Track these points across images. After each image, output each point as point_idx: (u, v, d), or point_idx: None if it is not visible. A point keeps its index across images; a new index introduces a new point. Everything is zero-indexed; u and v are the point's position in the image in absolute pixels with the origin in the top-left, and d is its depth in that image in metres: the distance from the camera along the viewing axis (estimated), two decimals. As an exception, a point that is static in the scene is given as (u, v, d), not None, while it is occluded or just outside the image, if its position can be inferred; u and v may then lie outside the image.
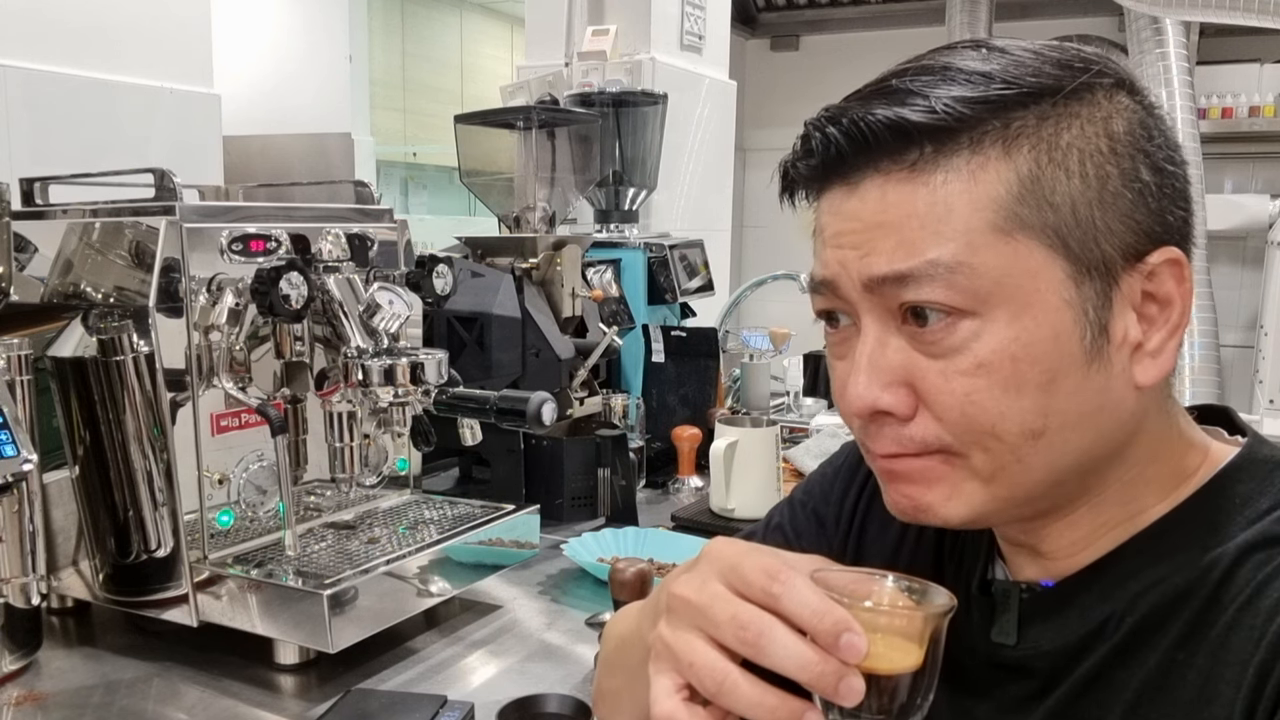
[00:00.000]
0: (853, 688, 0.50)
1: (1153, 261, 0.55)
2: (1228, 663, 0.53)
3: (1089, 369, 0.55)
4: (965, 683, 0.65)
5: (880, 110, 0.55)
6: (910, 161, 0.54)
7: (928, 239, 0.54)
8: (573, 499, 1.59)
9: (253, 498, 1.14)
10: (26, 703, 1.02)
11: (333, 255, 1.15)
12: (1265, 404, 3.67)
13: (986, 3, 4.17)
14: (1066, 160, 0.54)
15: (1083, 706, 0.59)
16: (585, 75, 2.32)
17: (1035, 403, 0.55)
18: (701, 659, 0.53)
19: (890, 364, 0.56)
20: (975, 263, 0.53)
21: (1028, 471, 0.56)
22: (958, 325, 0.54)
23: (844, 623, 0.50)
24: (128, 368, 1.06)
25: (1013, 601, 0.63)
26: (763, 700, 0.51)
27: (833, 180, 0.58)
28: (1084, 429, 0.56)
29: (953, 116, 0.54)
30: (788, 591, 0.51)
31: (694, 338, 1.95)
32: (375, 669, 1.10)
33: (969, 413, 0.55)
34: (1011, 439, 0.55)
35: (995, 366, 0.54)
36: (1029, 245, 0.54)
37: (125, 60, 1.76)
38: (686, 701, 0.54)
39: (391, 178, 5.57)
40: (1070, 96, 0.55)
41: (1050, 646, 0.61)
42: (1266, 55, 3.94)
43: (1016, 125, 0.54)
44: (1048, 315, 0.54)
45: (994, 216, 0.53)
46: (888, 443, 0.58)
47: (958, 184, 0.54)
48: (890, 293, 0.55)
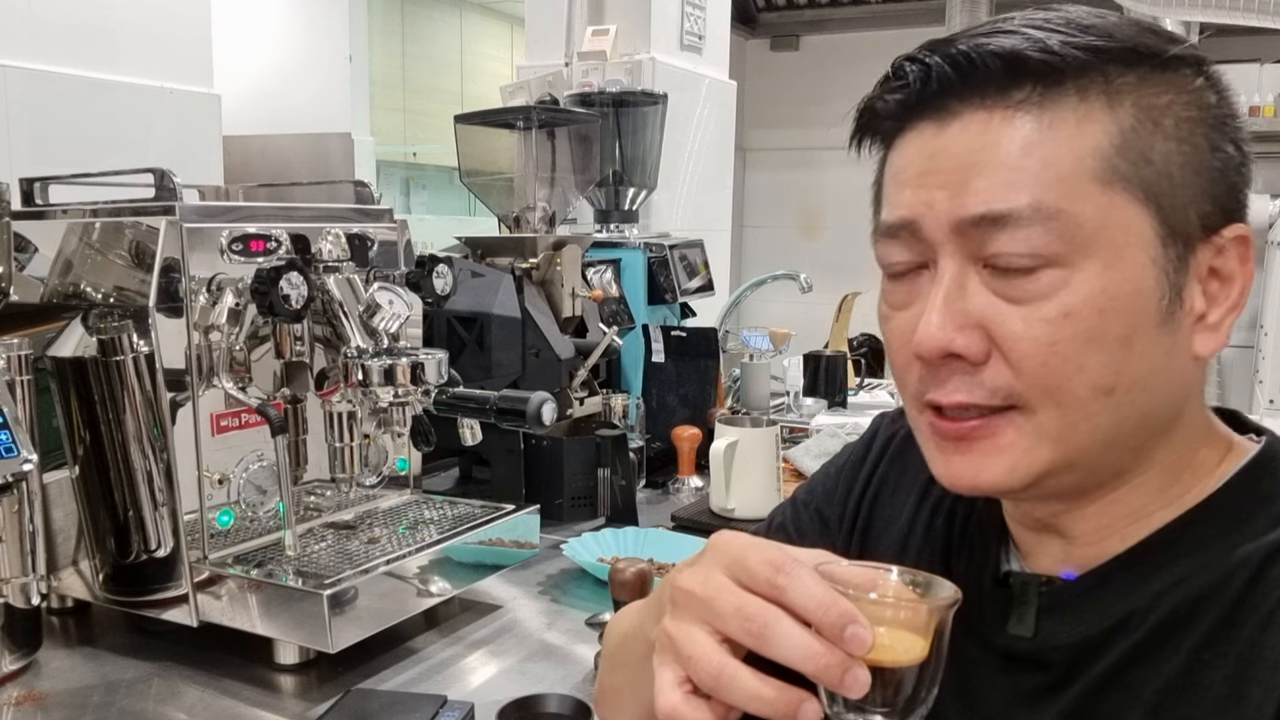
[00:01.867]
0: (858, 679, 0.50)
1: (1225, 236, 0.56)
2: (1258, 664, 0.53)
3: (1160, 331, 0.55)
4: (978, 674, 0.64)
5: (995, 41, 0.55)
6: (1017, 99, 0.54)
7: (1029, 181, 0.53)
8: (573, 499, 1.59)
9: (253, 498, 1.14)
10: (26, 703, 1.02)
11: (333, 255, 1.15)
12: (1265, 404, 3.67)
13: (986, 3, 4.18)
14: (1163, 121, 0.54)
15: (1102, 704, 0.58)
16: (585, 75, 2.32)
17: (1112, 358, 0.54)
18: (699, 651, 0.52)
19: (968, 306, 0.55)
20: (1075, 210, 0.53)
21: (1093, 432, 0.56)
22: (1049, 271, 0.54)
23: (849, 615, 0.50)
24: (128, 368, 1.06)
25: (1031, 594, 0.63)
26: (760, 692, 0.51)
27: (923, 114, 0.57)
28: (1149, 391, 0.56)
29: (1066, 59, 0.53)
30: (793, 583, 0.51)
31: (694, 338, 1.95)
32: (375, 669, 1.10)
33: (1050, 362, 0.54)
34: (1085, 393, 0.55)
35: (1082, 317, 0.54)
36: (1125, 199, 0.54)
37: (125, 60, 1.76)
38: (689, 695, 0.53)
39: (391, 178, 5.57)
40: (1168, 64, 0.55)
41: (1068, 640, 0.60)
42: (1266, 55, 3.94)
43: (1118, 81, 0.54)
44: (1134, 271, 0.54)
45: (1095, 166, 0.53)
46: (957, 389, 0.56)
47: (1063, 128, 0.54)
48: (982, 235, 0.54)
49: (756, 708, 0.51)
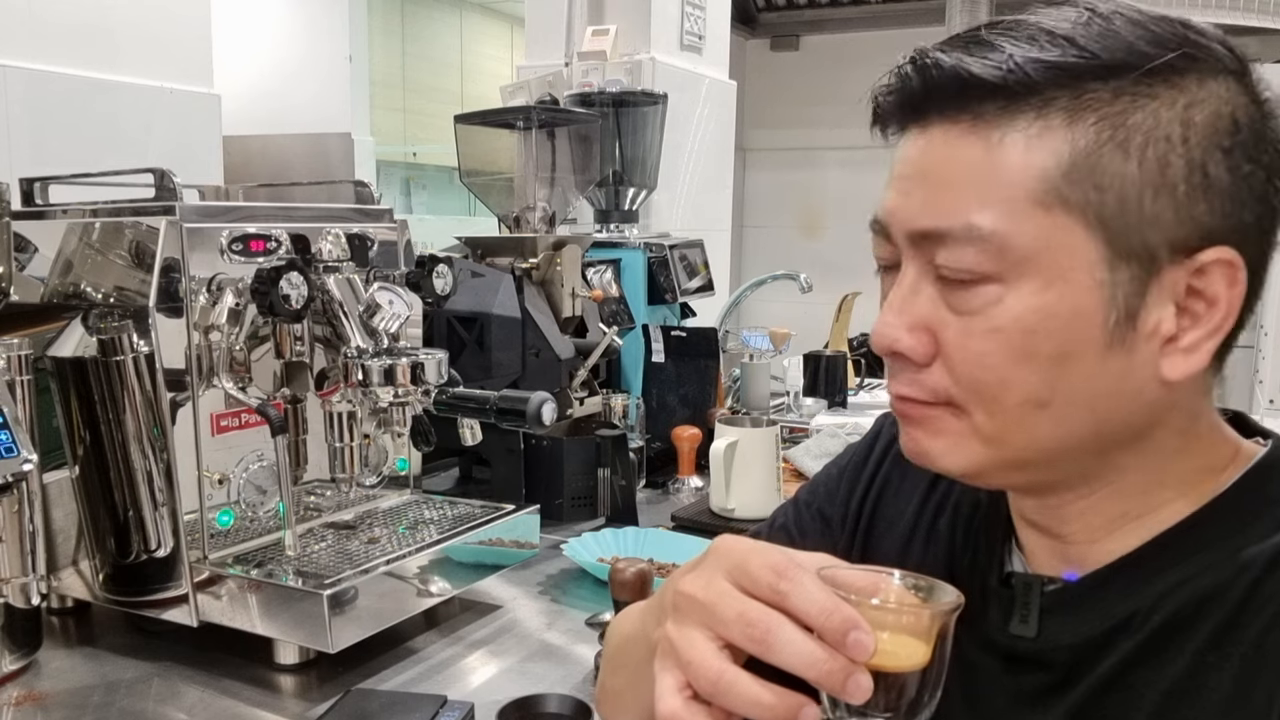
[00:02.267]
0: (860, 685, 0.50)
1: (1203, 259, 0.54)
2: (1263, 666, 0.53)
3: (1107, 353, 0.55)
4: (981, 675, 0.64)
5: (954, 59, 0.56)
6: (974, 114, 0.55)
7: (969, 201, 0.55)
8: (573, 499, 1.59)
9: (253, 498, 1.14)
10: (26, 703, 1.02)
11: (333, 255, 1.15)
12: (1265, 404, 3.67)
13: (986, 3, 4.17)
14: (1129, 141, 0.53)
15: (1105, 705, 0.58)
16: (585, 75, 2.32)
17: (1043, 376, 0.55)
18: (698, 657, 0.52)
19: (918, 310, 0.58)
20: (1010, 232, 0.54)
21: (1030, 439, 0.57)
22: (983, 288, 0.55)
23: (851, 620, 0.50)
24: (128, 368, 1.06)
25: (1034, 594, 0.63)
26: (760, 697, 0.51)
27: (910, 119, 0.59)
28: (1094, 409, 0.56)
29: (1020, 81, 0.54)
30: (795, 589, 0.51)
31: (694, 338, 1.95)
32: (375, 669, 1.10)
33: (977, 374, 0.56)
34: (1015, 405, 0.56)
35: (1009, 334, 0.55)
36: (1068, 221, 0.54)
37: (125, 60, 1.76)
38: (690, 700, 0.53)
39: (391, 178, 5.57)
40: (1151, 75, 0.53)
41: (1071, 640, 0.60)
42: (1266, 55, 3.94)
43: (1088, 97, 0.53)
44: (1074, 293, 0.54)
45: (1037, 189, 0.54)
46: (902, 384, 0.60)
47: (1012, 149, 0.54)
48: (929, 245, 0.57)
49: (756, 713, 0.51)
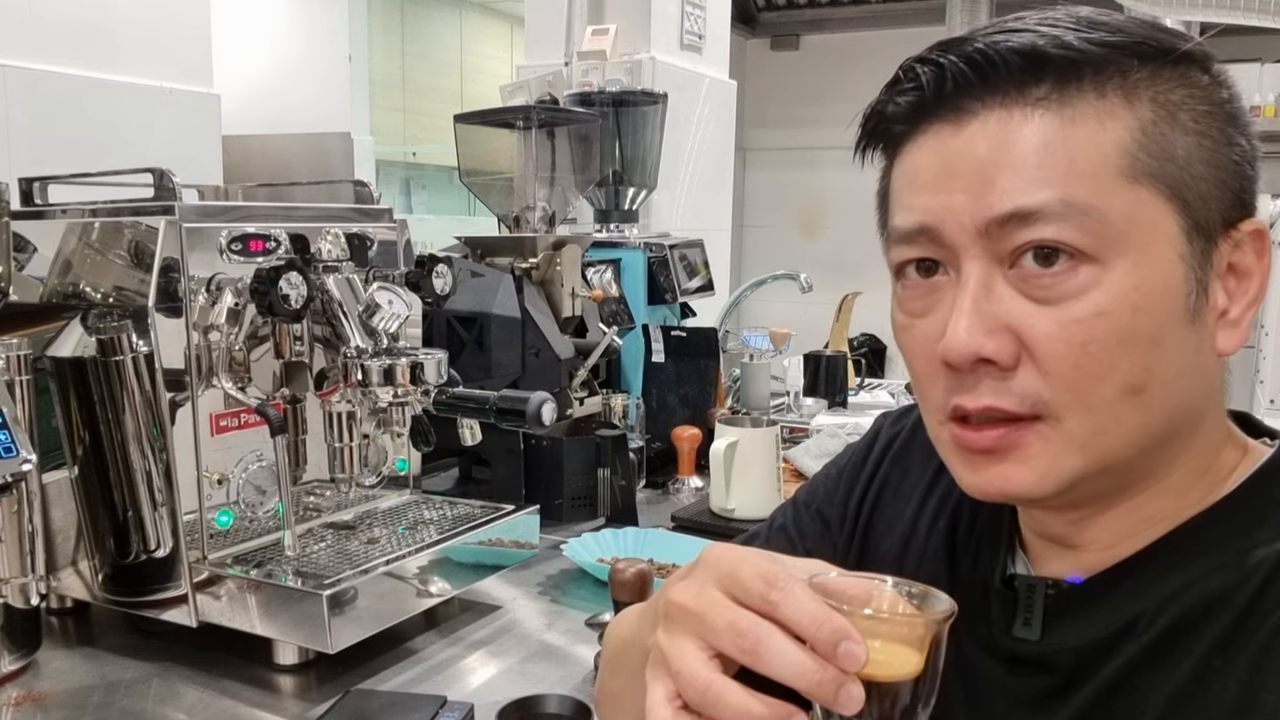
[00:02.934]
0: (852, 696, 0.49)
1: (1243, 230, 0.56)
2: (1271, 670, 0.52)
3: (1188, 328, 0.54)
4: (983, 679, 0.64)
5: (1011, 38, 0.54)
6: (1035, 97, 0.53)
7: (1058, 176, 0.53)
8: (573, 499, 1.59)
9: (252, 498, 1.14)
10: (26, 703, 1.02)
11: (332, 255, 1.15)
12: (1266, 404, 3.67)
13: (987, 3, 4.17)
14: (1179, 116, 0.54)
15: (1110, 709, 0.58)
16: (585, 75, 2.32)
17: (1144, 356, 0.54)
18: (687, 667, 0.52)
19: (996, 309, 0.54)
20: (1105, 206, 0.52)
21: (1122, 435, 0.55)
22: (1079, 270, 0.53)
23: (842, 631, 0.49)
24: (127, 368, 1.06)
25: (1038, 597, 0.62)
26: (748, 707, 0.50)
27: (938, 116, 0.56)
28: (1177, 391, 0.55)
29: (1085, 54, 0.53)
30: (786, 599, 0.50)
31: (694, 338, 1.95)
32: (375, 669, 1.10)
33: (1082, 363, 0.53)
34: (1114, 395, 0.54)
35: (1115, 314, 0.53)
36: (1151, 194, 0.53)
37: (125, 60, 1.76)
38: (680, 710, 0.53)
39: (391, 177, 5.57)
40: (1179, 60, 0.55)
41: (1075, 643, 0.60)
42: (1267, 55, 3.94)
43: (1134, 76, 0.54)
44: (1163, 267, 0.53)
45: (1121, 162, 0.53)
46: (985, 394, 0.55)
47: (1085, 125, 0.53)
48: (1010, 233, 0.53)
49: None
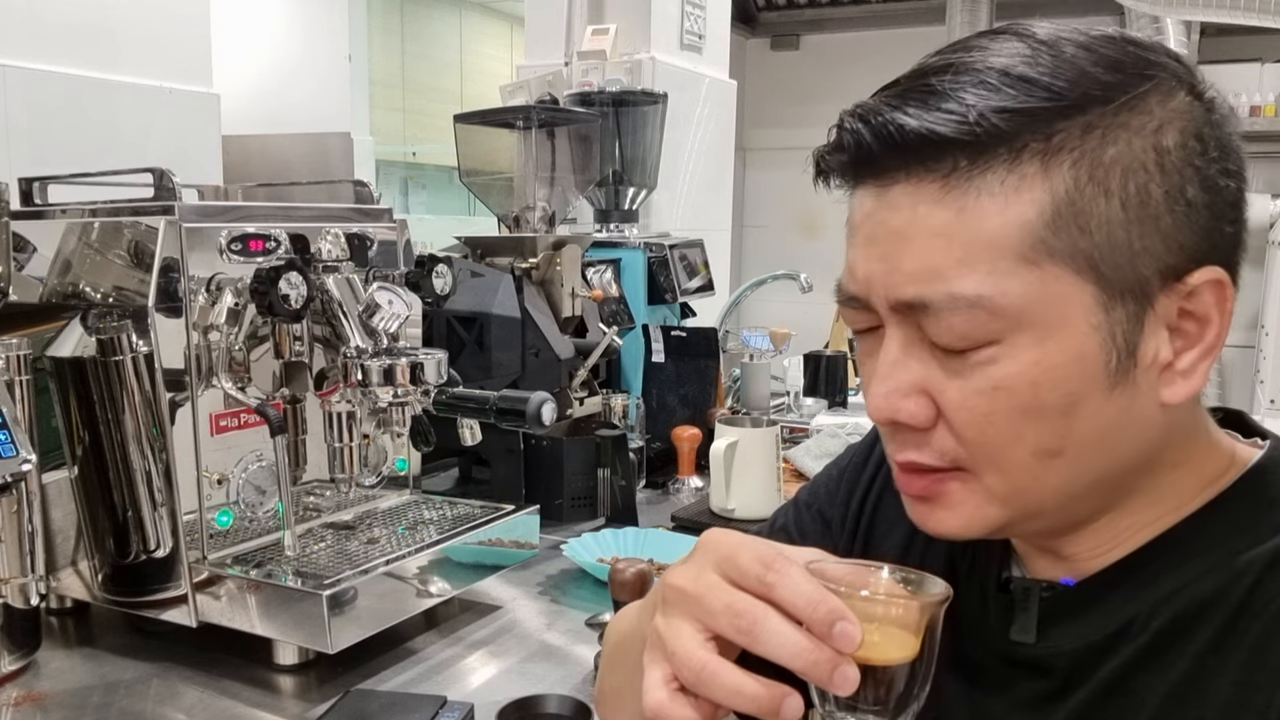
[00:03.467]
0: (847, 676, 0.50)
1: (1193, 281, 0.53)
2: (1263, 670, 0.52)
3: (1112, 392, 0.54)
4: (981, 681, 0.64)
5: (913, 117, 0.52)
6: (943, 172, 0.53)
7: (951, 266, 0.52)
8: (573, 499, 1.59)
9: (252, 498, 1.14)
10: (25, 703, 1.02)
11: (332, 255, 1.15)
12: (1266, 404, 3.67)
13: (987, 2, 4.17)
14: (1108, 179, 0.51)
15: (1106, 711, 0.58)
16: (585, 75, 2.32)
17: (1053, 426, 0.54)
18: (684, 647, 0.52)
19: (911, 375, 0.56)
20: (998, 294, 0.52)
21: (1045, 490, 0.56)
22: (980, 348, 0.53)
23: (838, 611, 0.50)
24: (127, 368, 1.06)
25: (1033, 600, 0.62)
26: (743, 687, 0.51)
27: (866, 178, 0.56)
28: (1105, 448, 0.55)
29: (989, 132, 0.51)
30: (782, 580, 0.51)
31: (694, 338, 1.95)
32: (375, 669, 1.10)
33: (986, 432, 0.54)
34: (1027, 459, 0.54)
35: (1014, 390, 0.53)
36: (1057, 271, 0.52)
37: (125, 60, 1.76)
38: (676, 692, 0.53)
39: (391, 177, 5.57)
40: (1122, 108, 0.52)
41: (1071, 646, 0.60)
42: (1267, 55, 3.94)
43: (1059, 138, 0.51)
44: (1073, 340, 0.53)
45: (1021, 245, 0.52)
46: (908, 450, 0.58)
47: (990, 205, 0.52)
48: (913, 316, 0.55)
49: (740, 703, 0.51)
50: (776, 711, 0.51)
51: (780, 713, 0.51)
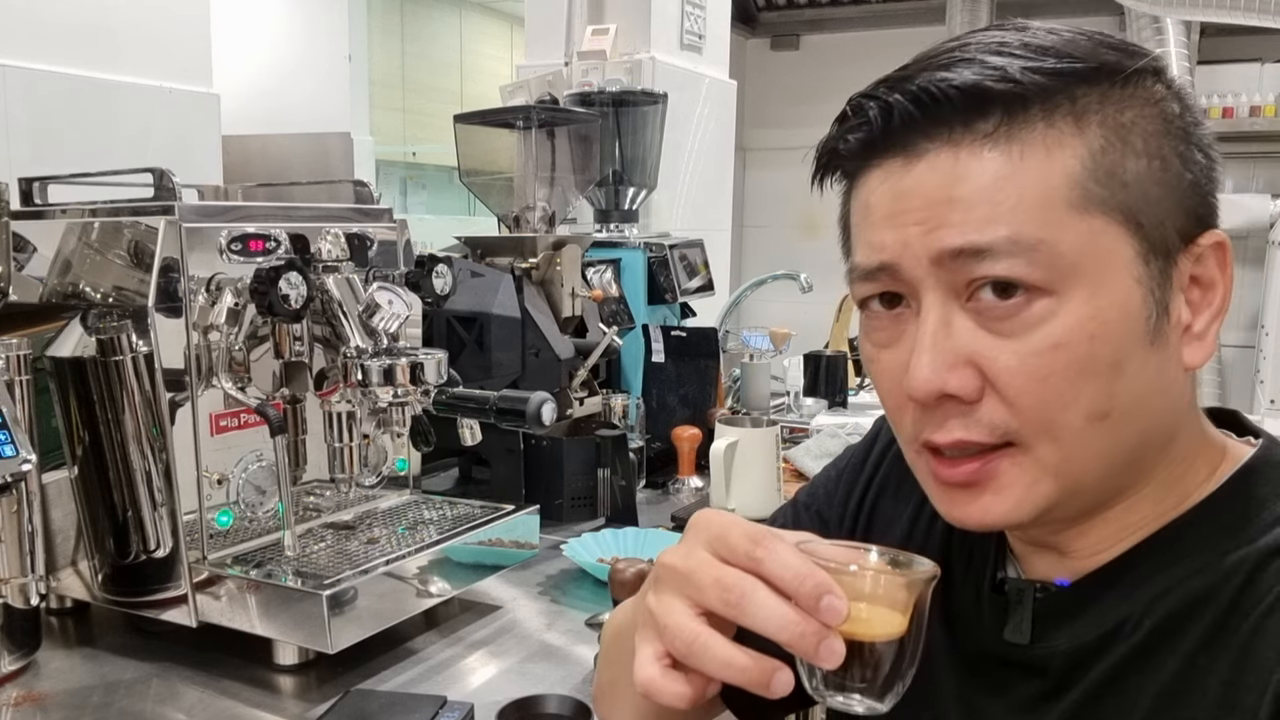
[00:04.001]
0: (833, 650, 0.50)
1: (1203, 244, 0.56)
2: (1251, 670, 0.53)
3: (1151, 349, 0.55)
4: (977, 681, 0.64)
5: (955, 74, 0.53)
6: (984, 132, 0.53)
7: (1006, 213, 0.53)
8: (573, 499, 1.59)
9: (252, 498, 1.14)
10: (25, 703, 1.02)
11: (332, 255, 1.14)
12: (1266, 404, 3.67)
13: (987, 2, 4.17)
14: (1130, 138, 0.54)
15: (1100, 710, 0.58)
16: (585, 75, 2.32)
17: (1106, 384, 0.54)
18: (674, 621, 0.53)
19: (956, 344, 0.54)
20: (1055, 240, 0.52)
21: (1092, 459, 0.55)
22: (1034, 302, 0.53)
23: (825, 585, 0.50)
24: (126, 368, 1.06)
25: (1027, 600, 0.62)
26: (733, 659, 0.51)
27: (889, 152, 0.56)
28: (1145, 412, 0.56)
29: (1029, 86, 0.53)
30: (771, 555, 0.51)
31: (694, 338, 1.95)
32: (375, 669, 1.10)
33: (1045, 395, 0.53)
34: (1080, 423, 0.54)
35: (1072, 345, 0.53)
36: (1104, 222, 0.53)
37: (124, 60, 1.76)
38: (667, 668, 0.54)
39: (391, 177, 5.57)
40: (1129, 79, 0.55)
41: (1065, 646, 0.60)
42: (1267, 55, 3.94)
43: (1083, 101, 0.54)
44: (1120, 294, 0.53)
45: (1070, 193, 0.53)
46: (954, 428, 0.56)
47: (1034, 158, 0.53)
48: (963, 267, 0.53)
49: (730, 675, 0.52)
50: (766, 684, 0.51)
51: (769, 685, 0.51)
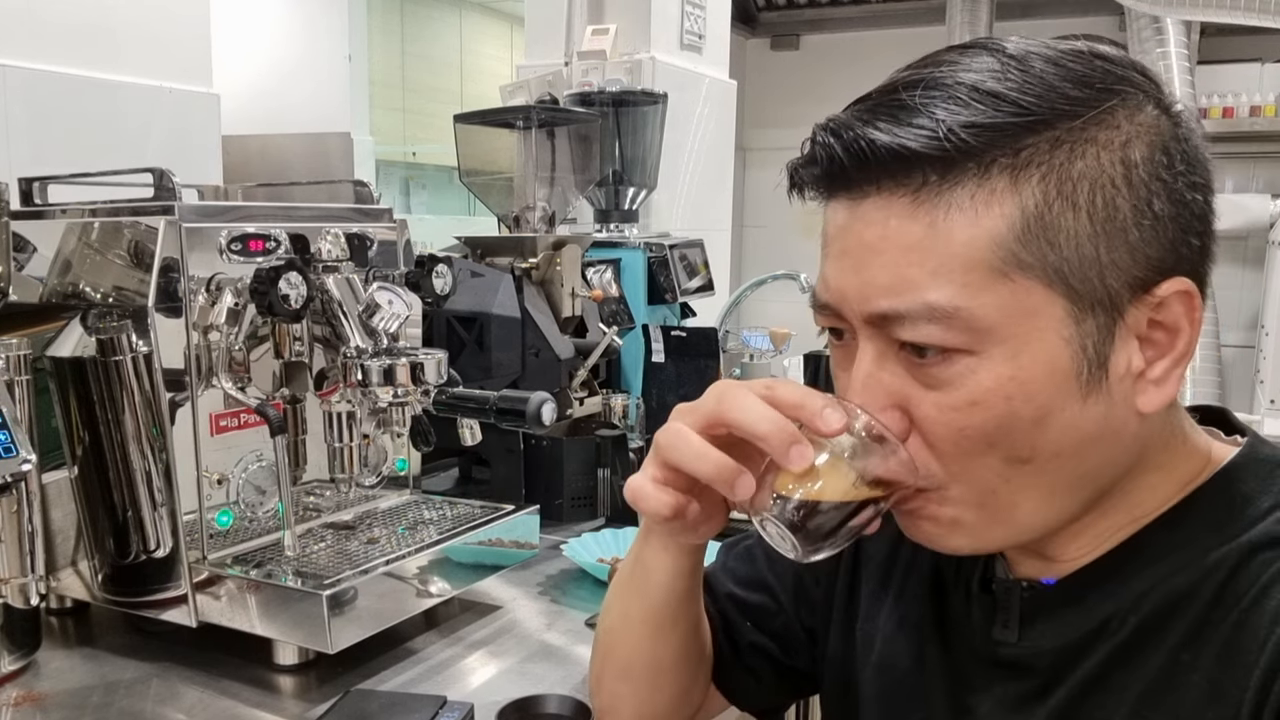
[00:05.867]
0: (803, 454, 0.56)
1: (1161, 293, 0.54)
2: (1234, 665, 0.53)
3: (1085, 403, 0.55)
4: (966, 681, 0.65)
5: (884, 132, 0.53)
6: (914, 187, 0.53)
7: (925, 279, 0.53)
8: (573, 499, 1.59)
9: (252, 498, 1.14)
10: (25, 703, 1.02)
11: (332, 255, 1.14)
12: (1266, 404, 3.67)
13: (987, 2, 4.17)
14: (1076, 193, 0.52)
15: (1087, 708, 0.58)
16: (585, 75, 2.32)
17: (1025, 437, 0.55)
18: (669, 426, 0.61)
19: (886, 388, 0.57)
20: (972, 305, 0.53)
21: (1023, 497, 0.57)
22: (953, 361, 0.54)
23: (813, 396, 0.57)
24: (126, 368, 1.06)
25: (1014, 599, 0.63)
26: (706, 453, 0.59)
27: (841, 188, 0.57)
28: (1079, 458, 0.56)
29: (958, 148, 0.52)
30: (779, 384, 0.59)
31: (694, 338, 1.94)
32: (375, 669, 1.10)
33: (960, 445, 0.55)
34: (1000, 468, 0.56)
35: (989, 404, 0.54)
36: (1028, 285, 0.53)
37: (124, 60, 1.76)
38: (657, 483, 0.62)
39: (391, 177, 5.56)
40: (1085, 121, 0.53)
41: (1051, 644, 0.61)
42: (1267, 55, 3.94)
43: (1027, 153, 0.52)
44: (1045, 353, 0.53)
45: (993, 258, 0.52)
46: None
47: (960, 219, 0.52)
48: (888, 326, 0.55)
49: (703, 468, 0.59)
50: (730, 483, 0.58)
51: (733, 485, 0.58)
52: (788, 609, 0.81)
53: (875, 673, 0.72)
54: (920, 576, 0.71)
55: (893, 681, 0.71)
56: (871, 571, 0.75)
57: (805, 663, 0.81)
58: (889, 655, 0.71)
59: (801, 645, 0.81)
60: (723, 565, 0.85)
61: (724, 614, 0.82)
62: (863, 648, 0.74)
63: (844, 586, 0.77)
